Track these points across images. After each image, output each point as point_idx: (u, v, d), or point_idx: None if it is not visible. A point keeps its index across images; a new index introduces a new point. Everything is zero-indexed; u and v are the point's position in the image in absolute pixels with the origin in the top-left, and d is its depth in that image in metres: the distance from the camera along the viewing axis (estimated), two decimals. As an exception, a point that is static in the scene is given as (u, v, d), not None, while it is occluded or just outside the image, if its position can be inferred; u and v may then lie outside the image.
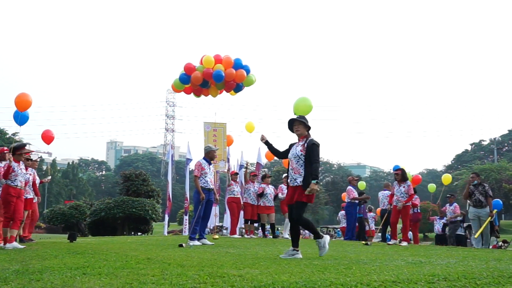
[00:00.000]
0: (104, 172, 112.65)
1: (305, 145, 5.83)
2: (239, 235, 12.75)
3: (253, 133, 15.34)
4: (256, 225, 13.98)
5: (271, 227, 12.66)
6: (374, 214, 17.29)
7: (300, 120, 5.97)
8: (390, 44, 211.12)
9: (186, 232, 15.95)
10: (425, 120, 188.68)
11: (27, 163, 8.98)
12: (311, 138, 5.91)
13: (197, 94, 13.23)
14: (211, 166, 9.10)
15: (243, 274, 3.96)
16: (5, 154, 8.32)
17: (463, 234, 13.73)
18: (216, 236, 10.84)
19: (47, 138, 10.69)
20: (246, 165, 14.47)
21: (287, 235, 12.53)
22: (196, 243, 8.38)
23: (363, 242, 10.21)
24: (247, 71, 12.64)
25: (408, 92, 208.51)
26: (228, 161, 16.17)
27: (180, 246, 7.70)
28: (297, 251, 5.83)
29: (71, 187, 78.37)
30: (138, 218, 26.00)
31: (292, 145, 6.07)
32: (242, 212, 12.83)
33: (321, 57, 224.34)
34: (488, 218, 10.30)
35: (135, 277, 3.84)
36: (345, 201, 13.68)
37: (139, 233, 27.38)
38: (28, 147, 8.77)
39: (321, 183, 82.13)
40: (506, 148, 73.81)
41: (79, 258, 5.58)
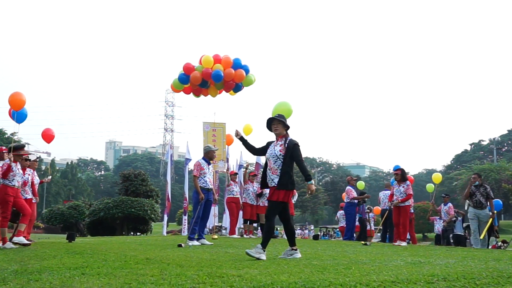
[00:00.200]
0: (103, 172, 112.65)
1: (285, 146, 5.66)
2: (238, 235, 12.74)
3: (251, 135, 15.27)
4: (255, 225, 13.96)
5: (270, 227, 12.64)
6: (373, 215, 17.28)
7: (279, 119, 5.77)
8: (390, 44, 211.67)
9: (185, 232, 15.95)
10: (425, 120, 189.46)
11: (26, 164, 8.97)
12: (291, 138, 5.75)
13: (197, 94, 13.22)
14: (210, 166, 9.09)
15: (242, 274, 3.96)
16: (4, 154, 8.30)
17: (463, 234, 13.72)
18: (215, 236, 10.83)
19: (48, 137, 10.63)
20: (246, 165, 14.48)
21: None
22: (195, 243, 8.36)
23: (362, 242, 10.21)
24: (246, 71, 12.63)
25: (408, 92, 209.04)
26: (227, 161, 16.16)
27: (179, 246, 7.69)
28: (295, 250, 5.76)
29: (70, 187, 78.36)
30: (137, 218, 26.01)
31: (270, 144, 5.88)
32: (241, 212, 12.82)
33: (321, 57, 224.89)
34: (490, 220, 10.31)
35: (134, 277, 3.83)
36: (344, 201, 13.67)
37: (138, 233, 27.39)
38: (27, 147, 8.76)
39: (320, 183, 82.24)
40: (506, 148, 73.85)
41: (78, 258, 5.58)
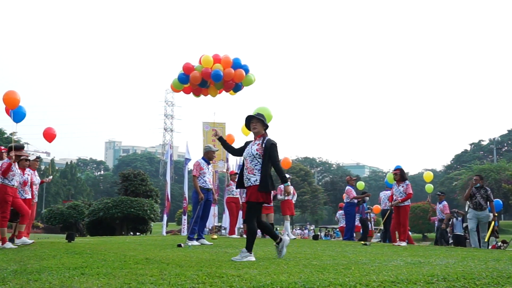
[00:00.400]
0: (103, 172, 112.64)
1: (263, 145, 5.56)
2: (238, 235, 12.74)
3: (250, 135, 15.25)
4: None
5: (270, 227, 12.64)
6: (374, 215, 17.27)
7: (258, 118, 5.69)
8: (390, 44, 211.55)
9: (185, 232, 15.95)
10: (425, 120, 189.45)
11: (26, 164, 8.97)
12: (269, 138, 5.65)
13: (196, 94, 13.21)
14: (210, 166, 9.09)
15: (242, 274, 3.96)
16: (3, 154, 8.30)
17: (462, 234, 13.71)
18: (215, 236, 10.83)
19: (49, 136, 10.56)
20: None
21: (286, 236, 12.53)
22: (195, 243, 8.36)
23: (362, 242, 10.21)
24: (246, 71, 12.61)
25: (408, 92, 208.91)
26: (227, 161, 16.17)
27: (179, 246, 7.69)
28: (281, 240, 5.65)
29: (69, 187, 78.35)
30: (137, 218, 25.99)
31: (248, 143, 5.80)
32: (241, 212, 12.82)
33: (321, 57, 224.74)
34: (493, 223, 10.40)
35: (134, 277, 3.83)
36: (344, 201, 13.66)
37: (138, 233, 27.37)
38: (27, 147, 8.76)
39: (320, 183, 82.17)
40: (506, 148, 73.90)
41: (77, 258, 5.58)
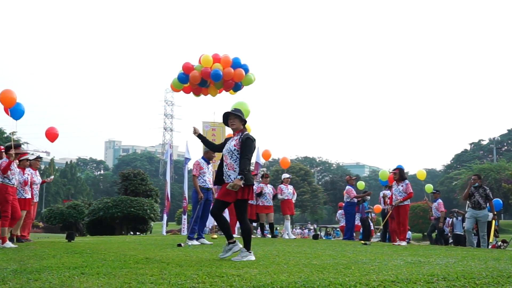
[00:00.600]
0: (102, 172, 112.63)
1: (240, 140, 5.54)
2: (238, 235, 12.74)
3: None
4: (255, 225, 13.96)
5: (270, 227, 12.66)
6: (374, 215, 17.27)
7: (236, 114, 5.66)
8: (390, 43, 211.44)
9: (185, 232, 15.94)
10: (425, 120, 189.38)
11: (26, 164, 8.97)
12: (247, 133, 5.64)
13: (196, 94, 13.20)
14: (210, 166, 9.09)
15: (242, 274, 3.95)
16: (1, 153, 8.29)
17: (462, 234, 13.72)
18: (215, 236, 10.83)
19: (51, 135, 10.51)
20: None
21: (287, 235, 12.54)
22: (195, 243, 8.36)
23: (362, 242, 10.21)
24: (246, 70, 12.60)
25: (408, 92, 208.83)
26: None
27: (179, 246, 7.69)
28: (234, 243, 5.53)
29: (69, 187, 78.33)
30: (137, 218, 25.98)
31: (228, 140, 5.78)
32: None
33: (321, 56, 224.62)
34: (493, 222, 10.45)
35: (134, 277, 3.83)
36: (344, 201, 13.65)
37: (138, 233, 27.37)
38: (26, 146, 8.75)
39: (320, 183, 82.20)
40: (505, 148, 73.95)
41: (77, 258, 5.57)
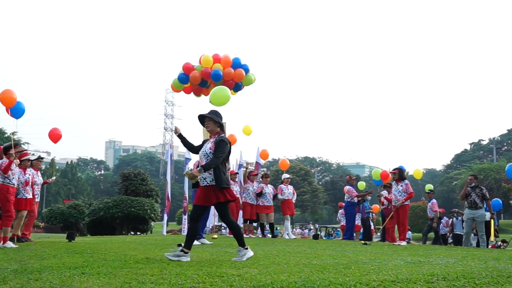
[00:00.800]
0: (103, 172, 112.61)
1: (214, 142, 5.48)
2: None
3: (252, 135, 15.17)
4: (255, 225, 13.97)
5: (270, 227, 12.66)
6: (375, 215, 17.27)
7: (209, 116, 5.56)
8: (390, 43, 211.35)
9: (185, 232, 15.95)
10: (425, 120, 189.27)
11: (27, 164, 8.97)
12: (222, 135, 5.55)
13: (197, 94, 13.20)
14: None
15: (242, 274, 3.96)
16: (0, 153, 8.29)
17: (462, 234, 13.72)
18: (215, 236, 10.83)
19: (55, 136, 10.48)
20: (246, 165, 14.49)
21: (287, 235, 12.55)
22: (196, 243, 8.37)
23: (362, 242, 10.21)
24: (246, 70, 12.59)
25: (408, 92, 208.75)
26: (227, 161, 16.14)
27: (179, 246, 7.68)
28: (185, 254, 5.35)
29: (70, 187, 78.32)
30: (137, 218, 25.98)
31: (206, 142, 5.71)
32: (241, 212, 12.83)
33: (321, 56, 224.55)
34: (492, 221, 10.51)
35: (134, 277, 3.83)
36: (345, 200, 13.66)
37: (138, 233, 27.36)
38: (27, 147, 8.75)
39: (320, 183, 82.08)
40: (505, 148, 73.92)
41: (78, 258, 5.58)
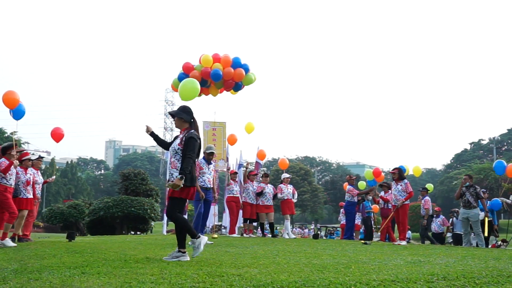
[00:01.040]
0: (103, 171, 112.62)
1: (183, 139, 5.38)
2: (238, 234, 12.75)
3: (252, 134, 15.17)
4: (255, 224, 13.97)
5: (270, 226, 12.67)
6: (375, 215, 17.27)
7: (175, 113, 5.51)
8: (390, 43, 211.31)
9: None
10: (425, 119, 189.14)
11: (28, 164, 8.97)
12: (191, 131, 5.43)
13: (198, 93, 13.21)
14: (211, 166, 9.10)
15: (242, 273, 3.96)
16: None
17: (461, 233, 13.73)
18: (215, 235, 10.83)
19: (57, 136, 10.48)
20: (246, 165, 14.49)
21: (287, 235, 12.55)
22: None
23: (362, 241, 10.22)
24: (246, 70, 12.60)
25: (408, 91, 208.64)
26: (228, 160, 16.16)
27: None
28: (183, 253, 5.24)
29: (70, 186, 78.32)
30: (137, 217, 25.96)
31: (176, 138, 5.60)
32: (241, 211, 12.84)
33: (321, 56, 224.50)
34: (486, 218, 10.61)
35: (134, 276, 3.83)
36: (345, 200, 13.67)
37: (138, 232, 27.36)
38: (27, 147, 8.74)
39: (320, 182, 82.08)
40: (505, 147, 73.98)
41: (78, 257, 5.57)
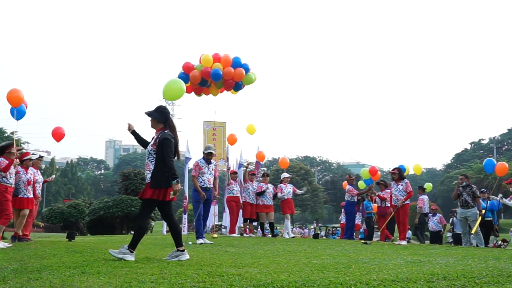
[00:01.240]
0: (103, 171, 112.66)
1: (157, 140, 5.25)
2: (238, 234, 12.76)
3: (254, 135, 15.13)
4: (255, 224, 13.96)
5: (270, 226, 12.67)
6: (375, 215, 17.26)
7: (149, 113, 5.40)
8: (390, 43, 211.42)
9: (185, 231, 15.95)
10: (425, 119, 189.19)
11: (29, 163, 8.96)
12: (165, 132, 5.28)
13: (198, 93, 13.19)
14: (211, 166, 9.10)
15: (242, 273, 3.96)
16: None
17: (461, 233, 13.72)
18: (215, 235, 10.83)
19: (58, 135, 10.46)
20: (246, 165, 14.49)
21: (287, 235, 12.55)
22: (207, 242, 8.53)
23: (362, 241, 10.21)
24: (246, 70, 12.59)
25: (408, 91, 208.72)
26: (228, 160, 16.17)
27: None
28: (182, 252, 5.23)
29: (70, 186, 78.34)
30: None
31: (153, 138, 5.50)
32: (241, 211, 12.84)
33: (321, 56, 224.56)
34: (479, 218, 10.68)
35: (134, 276, 3.83)
36: (345, 200, 13.65)
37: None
38: (27, 146, 8.74)
39: (320, 182, 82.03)
40: (506, 147, 73.97)
41: (78, 257, 5.57)
